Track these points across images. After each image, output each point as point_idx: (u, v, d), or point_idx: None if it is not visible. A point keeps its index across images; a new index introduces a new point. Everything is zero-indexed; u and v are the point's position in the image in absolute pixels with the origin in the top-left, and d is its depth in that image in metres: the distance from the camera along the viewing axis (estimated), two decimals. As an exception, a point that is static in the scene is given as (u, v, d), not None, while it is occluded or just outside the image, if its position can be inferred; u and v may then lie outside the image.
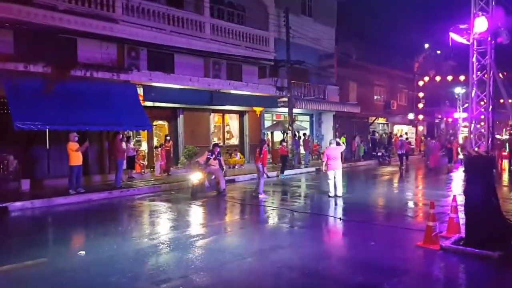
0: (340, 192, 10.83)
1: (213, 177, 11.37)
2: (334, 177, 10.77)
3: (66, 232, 7.73)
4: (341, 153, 11.78)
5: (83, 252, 6.08)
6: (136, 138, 16.16)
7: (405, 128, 32.04)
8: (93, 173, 13.46)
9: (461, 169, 17.33)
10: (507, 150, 18.77)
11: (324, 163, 11.05)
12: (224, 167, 11.71)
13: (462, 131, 25.31)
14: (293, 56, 18.76)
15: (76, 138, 10.94)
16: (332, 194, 10.81)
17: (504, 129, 25.06)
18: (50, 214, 9.35)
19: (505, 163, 18.84)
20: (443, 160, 20.56)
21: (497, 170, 16.48)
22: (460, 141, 22.03)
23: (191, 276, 5.07)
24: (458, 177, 15.79)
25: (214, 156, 11.16)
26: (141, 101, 13.83)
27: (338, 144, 11.50)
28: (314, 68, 22.07)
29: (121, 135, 12.75)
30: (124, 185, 12.29)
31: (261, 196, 10.95)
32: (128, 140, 13.56)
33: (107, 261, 5.74)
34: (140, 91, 14.01)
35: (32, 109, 10.92)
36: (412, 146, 27.14)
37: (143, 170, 15.24)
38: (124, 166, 12.82)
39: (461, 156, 19.96)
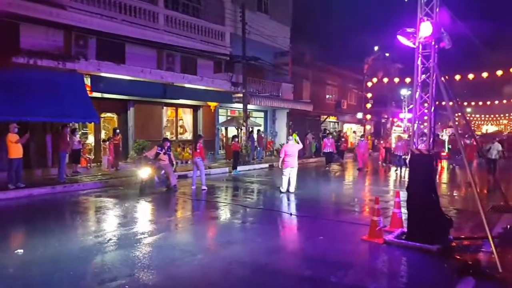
0: (293, 188, 11.02)
1: (163, 172, 11.09)
2: (289, 174, 10.94)
3: (3, 229, 7.15)
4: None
5: (21, 251, 5.66)
6: (82, 131, 15.36)
7: (354, 127, 33.32)
8: (35, 167, 12.61)
9: (393, 168, 18.20)
10: (446, 150, 20.04)
11: (281, 159, 11.15)
12: (174, 163, 11.47)
13: (395, 131, 26.53)
14: (248, 52, 18.76)
15: (16, 129, 10.20)
16: (284, 189, 10.97)
17: (444, 130, 26.65)
18: (-17, 210, 8.62)
19: (444, 162, 20.14)
20: (377, 159, 21.34)
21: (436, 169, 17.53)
22: (394, 140, 22.80)
23: (138, 275, 4.89)
24: (392, 176, 16.58)
25: (164, 150, 10.88)
26: (88, 92, 13.12)
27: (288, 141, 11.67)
28: (269, 65, 22.21)
29: (68, 128, 12.07)
30: (68, 180, 11.67)
31: (204, 188, 11.36)
32: (73, 132, 12.86)
33: (49, 260, 5.38)
34: (87, 81, 13.29)
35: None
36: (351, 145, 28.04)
37: (89, 165, 14.55)
38: (67, 160, 12.15)
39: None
